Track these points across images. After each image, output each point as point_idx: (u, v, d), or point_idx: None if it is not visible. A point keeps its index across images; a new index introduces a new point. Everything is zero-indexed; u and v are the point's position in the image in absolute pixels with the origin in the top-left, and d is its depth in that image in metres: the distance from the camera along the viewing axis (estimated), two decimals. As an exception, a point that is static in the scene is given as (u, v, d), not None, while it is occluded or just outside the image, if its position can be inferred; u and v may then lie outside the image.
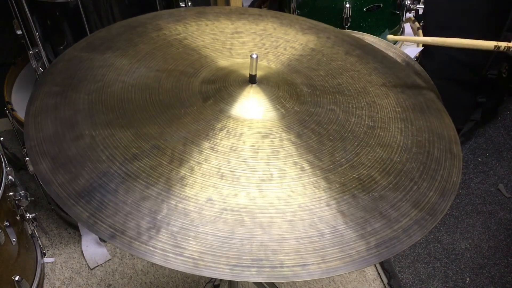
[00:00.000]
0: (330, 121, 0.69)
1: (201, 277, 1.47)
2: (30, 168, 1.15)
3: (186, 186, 0.57)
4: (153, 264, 1.50)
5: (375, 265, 1.50)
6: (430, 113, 0.75)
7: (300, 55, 0.84)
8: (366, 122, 0.70)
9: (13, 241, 1.18)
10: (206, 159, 0.60)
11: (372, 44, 0.93)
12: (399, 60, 1.08)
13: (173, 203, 0.55)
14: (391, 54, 1.10)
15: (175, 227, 0.53)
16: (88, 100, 0.68)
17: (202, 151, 0.61)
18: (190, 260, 0.51)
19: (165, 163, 0.59)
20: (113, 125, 0.64)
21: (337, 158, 0.64)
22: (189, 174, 0.58)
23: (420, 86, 0.82)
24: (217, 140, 0.63)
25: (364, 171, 0.62)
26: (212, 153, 0.61)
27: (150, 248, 0.51)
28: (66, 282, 1.46)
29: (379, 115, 0.72)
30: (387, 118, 0.72)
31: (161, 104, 0.68)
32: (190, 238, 0.53)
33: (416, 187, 0.62)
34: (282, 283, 1.42)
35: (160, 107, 0.67)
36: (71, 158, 0.59)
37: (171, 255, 0.51)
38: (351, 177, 0.61)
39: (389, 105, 0.75)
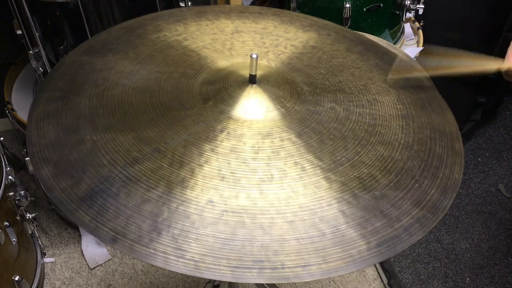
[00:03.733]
0: (330, 120, 0.69)
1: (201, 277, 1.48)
2: (30, 168, 1.16)
3: (186, 188, 0.58)
4: (153, 264, 1.51)
5: (375, 265, 1.50)
6: (432, 109, 0.75)
7: (300, 53, 0.84)
8: (367, 120, 0.70)
9: (13, 241, 1.19)
10: (206, 161, 0.61)
11: (373, 40, 0.93)
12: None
13: (174, 205, 0.56)
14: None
15: (176, 230, 0.54)
16: (89, 105, 0.68)
17: (202, 153, 0.62)
18: (191, 262, 0.51)
19: (165, 166, 0.60)
20: (114, 129, 0.64)
21: (338, 157, 0.63)
22: (189, 177, 0.59)
23: (421, 81, 0.82)
24: (218, 142, 0.63)
25: (365, 170, 0.62)
26: (213, 155, 0.62)
27: (151, 251, 0.52)
28: (66, 282, 1.47)
29: (380, 113, 0.72)
30: (388, 116, 0.72)
31: (161, 106, 0.68)
32: (191, 240, 0.53)
33: (417, 185, 0.62)
34: (283, 283, 1.42)
35: (160, 109, 0.68)
36: (72, 163, 0.59)
37: (172, 257, 0.52)
38: (352, 176, 0.61)
39: (390, 102, 0.75)
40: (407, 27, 1.62)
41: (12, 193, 1.18)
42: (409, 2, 1.46)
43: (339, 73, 0.80)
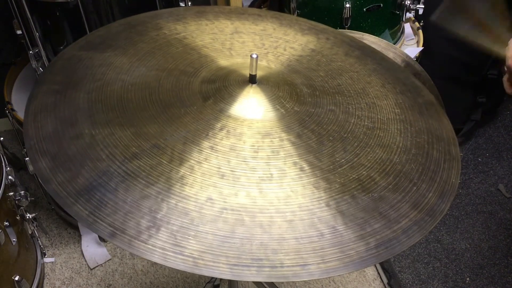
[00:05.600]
0: (330, 122, 0.69)
1: (201, 277, 1.47)
2: (30, 168, 1.15)
3: (186, 185, 0.57)
4: (153, 264, 1.50)
5: (375, 265, 1.50)
6: (429, 115, 0.75)
7: (299, 56, 0.84)
8: (366, 123, 0.71)
9: (13, 241, 1.18)
10: (206, 159, 0.60)
11: (372, 44, 0.93)
12: (399, 60, 1.08)
13: (173, 202, 0.55)
14: (391, 54, 1.10)
15: (175, 226, 0.53)
16: (88, 99, 0.67)
17: (202, 150, 0.61)
18: (190, 259, 0.51)
19: (165, 162, 0.59)
20: (113, 124, 0.63)
21: (337, 159, 0.64)
22: (189, 173, 0.58)
23: (419, 88, 0.82)
24: (217, 140, 0.63)
25: (364, 172, 0.63)
26: (212, 153, 0.61)
27: (150, 246, 0.51)
28: (66, 282, 1.46)
29: (379, 116, 0.73)
30: (386, 119, 0.72)
31: (161, 103, 0.68)
32: (190, 237, 0.53)
33: (415, 188, 0.62)
34: (282, 282, 1.42)
35: (160, 106, 0.67)
36: (70, 157, 0.59)
37: (170, 254, 0.51)
38: (351, 177, 0.62)
39: (388, 106, 0.75)
40: (407, 27, 1.62)
41: (12, 193, 1.17)
42: (409, 2, 1.46)
43: (338, 76, 0.80)
